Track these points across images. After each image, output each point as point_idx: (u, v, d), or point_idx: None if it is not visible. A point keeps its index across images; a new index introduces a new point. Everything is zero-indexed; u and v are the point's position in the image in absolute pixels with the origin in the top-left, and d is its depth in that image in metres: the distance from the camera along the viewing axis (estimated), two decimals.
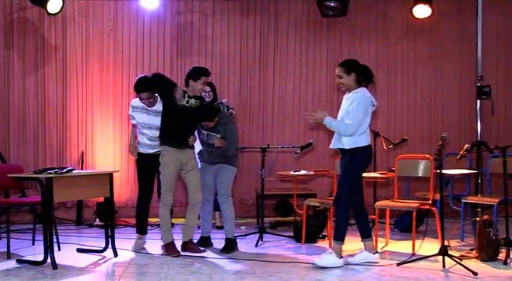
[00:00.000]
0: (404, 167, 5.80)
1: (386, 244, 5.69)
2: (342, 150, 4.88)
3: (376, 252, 5.00)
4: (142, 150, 5.60)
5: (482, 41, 7.49)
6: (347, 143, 4.79)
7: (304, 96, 7.79)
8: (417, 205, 5.40)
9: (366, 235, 4.98)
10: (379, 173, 6.01)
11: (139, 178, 5.69)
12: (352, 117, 4.75)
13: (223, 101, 5.73)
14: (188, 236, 5.38)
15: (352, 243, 5.60)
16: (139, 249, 5.50)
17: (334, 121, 4.85)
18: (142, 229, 5.67)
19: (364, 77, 4.94)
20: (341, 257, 4.78)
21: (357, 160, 4.80)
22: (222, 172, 5.54)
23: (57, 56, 7.47)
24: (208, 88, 5.69)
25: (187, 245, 5.35)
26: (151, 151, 5.55)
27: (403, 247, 5.60)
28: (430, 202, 5.40)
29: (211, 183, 5.57)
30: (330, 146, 5.01)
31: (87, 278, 4.44)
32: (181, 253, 5.23)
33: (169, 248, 5.24)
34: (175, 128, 5.21)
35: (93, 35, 7.53)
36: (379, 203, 5.63)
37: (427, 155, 5.64)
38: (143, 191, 5.64)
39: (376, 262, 4.86)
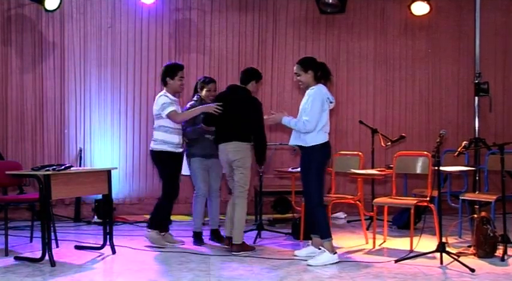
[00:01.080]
0: (403, 164, 5.80)
1: (384, 241, 5.70)
2: (301, 147, 4.91)
3: (335, 253, 4.84)
4: (171, 149, 5.45)
5: (480, 38, 7.49)
6: (306, 140, 4.82)
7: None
8: (415, 202, 5.41)
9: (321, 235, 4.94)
10: (377, 170, 6.01)
11: (169, 176, 5.51)
12: (308, 114, 4.77)
13: None
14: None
15: (349, 240, 5.62)
16: (163, 244, 5.47)
17: (293, 120, 4.89)
18: (166, 226, 5.68)
19: (322, 74, 4.95)
20: (335, 252, 4.80)
21: (315, 157, 4.82)
22: (217, 166, 5.55)
23: (55, 52, 7.46)
24: (214, 86, 5.86)
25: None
26: (180, 150, 5.53)
27: (401, 243, 5.61)
28: (428, 198, 5.41)
29: (206, 177, 5.62)
30: (289, 143, 5.06)
31: (86, 275, 4.44)
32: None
33: (245, 246, 5.26)
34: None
35: (91, 31, 7.52)
36: (377, 200, 5.64)
37: (425, 152, 5.64)
38: (172, 190, 5.53)
39: (337, 262, 4.78)
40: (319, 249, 4.87)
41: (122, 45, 7.57)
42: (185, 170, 5.73)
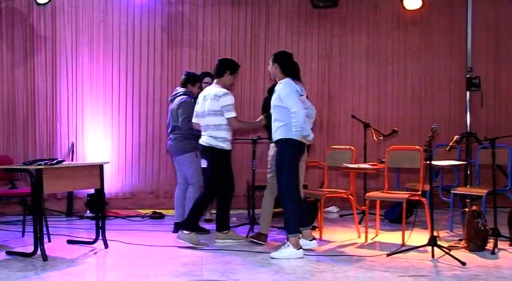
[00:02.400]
0: (395, 158, 5.81)
1: (376, 235, 5.73)
2: (274, 141, 4.93)
3: (314, 239, 5.09)
4: (227, 147, 5.39)
5: (472, 33, 7.52)
6: (279, 135, 4.84)
7: None
8: (407, 196, 5.43)
9: (302, 223, 5.05)
10: (370, 164, 6.03)
11: (225, 173, 5.38)
12: (292, 106, 4.75)
13: None
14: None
15: (341, 234, 5.64)
16: (202, 244, 5.31)
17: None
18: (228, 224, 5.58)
19: (290, 70, 4.95)
20: (299, 248, 4.81)
21: (286, 150, 4.83)
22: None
23: (47, 46, 7.41)
24: (210, 79, 5.91)
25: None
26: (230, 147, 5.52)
27: (393, 237, 5.63)
28: (420, 192, 5.43)
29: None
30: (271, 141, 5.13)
31: (78, 269, 4.43)
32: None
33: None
34: None
35: (83, 25, 7.47)
36: (369, 194, 5.66)
37: (417, 147, 5.66)
38: (227, 186, 5.44)
39: (313, 249, 4.97)
40: (313, 238, 4.99)
41: (114, 39, 7.54)
42: (203, 163, 5.59)
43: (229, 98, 5.26)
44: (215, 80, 5.44)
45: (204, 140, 5.36)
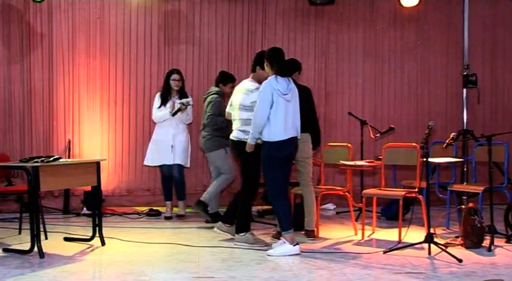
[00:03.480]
0: (391, 155, 5.81)
1: (373, 232, 5.73)
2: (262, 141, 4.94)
3: (297, 244, 4.82)
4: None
5: (468, 30, 7.50)
6: (264, 136, 4.84)
7: None
8: (404, 193, 5.43)
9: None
10: (366, 162, 6.03)
11: (256, 169, 5.16)
12: (256, 107, 4.82)
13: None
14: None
15: (338, 231, 5.65)
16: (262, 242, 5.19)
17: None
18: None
19: (277, 67, 4.89)
20: (296, 244, 4.79)
21: (266, 152, 4.84)
22: None
23: (43, 43, 7.38)
24: (177, 76, 6.50)
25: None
26: None
27: (390, 234, 5.64)
28: (416, 190, 5.44)
29: None
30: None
31: (75, 267, 4.42)
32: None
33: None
34: None
35: (79, 22, 7.44)
36: (366, 192, 5.66)
37: (414, 144, 5.66)
38: (257, 182, 5.32)
39: (298, 254, 4.76)
40: (295, 244, 4.83)
41: (111, 36, 7.51)
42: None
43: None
44: (251, 76, 5.32)
45: (234, 134, 5.23)
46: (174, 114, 6.56)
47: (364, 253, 4.84)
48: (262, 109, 4.76)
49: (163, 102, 6.64)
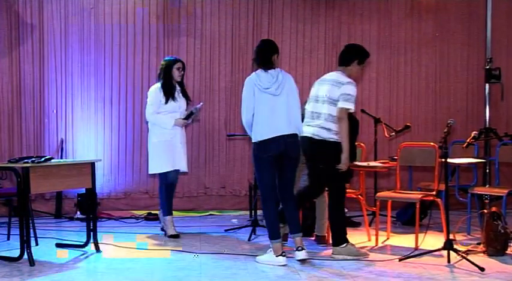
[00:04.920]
0: (407, 155, 5.80)
1: (387, 238, 5.72)
2: None
3: (282, 255, 4.72)
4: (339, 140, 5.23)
5: (491, 21, 7.48)
6: (251, 134, 4.87)
7: (300, 79, 7.74)
8: (420, 196, 5.42)
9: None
10: (380, 162, 6.01)
11: (337, 171, 5.01)
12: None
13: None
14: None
15: (350, 237, 5.63)
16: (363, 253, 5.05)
17: None
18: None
19: (258, 60, 4.89)
20: (279, 255, 4.68)
21: (252, 153, 4.88)
22: None
23: (34, 35, 7.40)
24: (182, 65, 6.00)
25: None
26: None
27: (406, 241, 5.62)
28: (434, 193, 5.42)
29: None
30: None
31: (67, 275, 4.43)
32: None
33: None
34: None
35: (72, 13, 7.45)
36: (380, 194, 5.65)
37: (432, 143, 5.64)
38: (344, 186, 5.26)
39: (284, 265, 4.67)
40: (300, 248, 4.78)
41: (106, 27, 7.52)
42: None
43: (352, 88, 4.89)
44: (338, 69, 5.11)
45: (311, 131, 4.95)
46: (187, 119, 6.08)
47: (378, 261, 4.84)
48: (244, 108, 4.81)
49: (168, 98, 5.90)
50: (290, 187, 4.89)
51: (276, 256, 4.71)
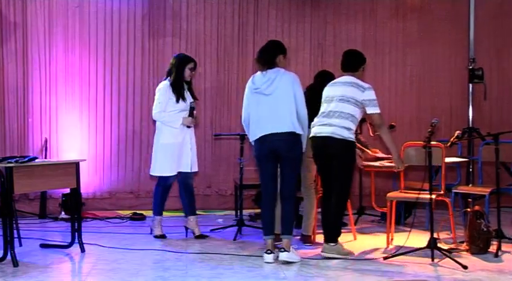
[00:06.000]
0: (410, 155, 5.62)
1: (392, 239, 5.50)
2: None
3: (268, 253, 4.76)
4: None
5: (474, 22, 7.55)
6: None
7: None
8: (435, 196, 5.13)
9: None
10: (390, 162, 5.87)
11: (352, 171, 5.18)
12: None
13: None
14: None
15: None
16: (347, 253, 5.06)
17: None
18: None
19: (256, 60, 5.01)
20: (266, 251, 4.76)
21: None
22: None
23: (17, 34, 7.34)
24: (194, 65, 5.83)
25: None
26: None
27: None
28: (442, 192, 5.34)
29: None
30: None
31: (52, 275, 4.41)
32: None
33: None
34: None
35: (56, 11, 7.40)
36: (390, 195, 5.50)
37: (439, 143, 5.52)
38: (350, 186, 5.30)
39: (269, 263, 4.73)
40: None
41: (91, 27, 7.48)
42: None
43: (373, 93, 5.03)
44: (346, 74, 5.16)
45: (330, 130, 4.94)
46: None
47: (363, 259, 4.86)
48: (242, 112, 4.96)
49: (179, 97, 5.70)
50: (286, 186, 4.88)
51: (264, 252, 4.76)
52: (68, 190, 5.50)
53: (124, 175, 7.55)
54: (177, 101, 5.67)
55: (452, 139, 5.19)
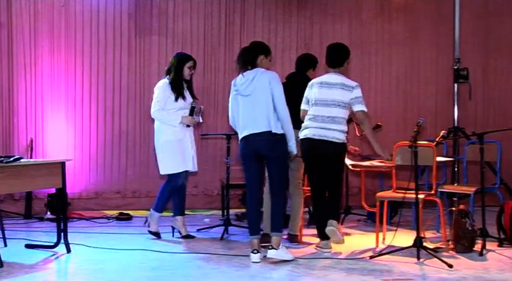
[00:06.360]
0: (402, 155, 5.60)
1: (384, 239, 5.54)
2: None
3: (254, 252, 4.78)
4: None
5: (459, 22, 7.59)
6: None
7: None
8: (424, 196, 5.21)
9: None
10: (379, 162, 5.90)
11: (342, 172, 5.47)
12: None
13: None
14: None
15: None
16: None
17: None
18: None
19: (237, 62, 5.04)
20: (253, 251, 4.76)
21: None
22: None
23: (1, 33, 7.27)
24: (193, 64, 5.82)
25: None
26: None
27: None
28: (433, 192, 5.36)
29: None
30: None
31: (37, 276, 4.38)
32: None
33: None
34: None
35: (42, 10, 7.35)
36: (380, 194, 5.53)
37: (430, 143, 5.54)
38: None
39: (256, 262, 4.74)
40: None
41: (77, 26, 7.44)
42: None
43: (360, 91, 5.16)
44: (334, 71, 5.26)
45: (333, 135, 5.08)
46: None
47: (349, 259, 4.88)
48: (229, 113, 5.01)
49: (178, 96, 5.66)
50: (274, 182, 4.89)
51: (251, 252, 4.77)
52: (53, 190, 5.46)
53: (110, 175, 7.52)
54: (176, 99, 5.63)
55: (437, 139, 5.22)
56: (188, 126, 5.75)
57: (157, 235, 5.76)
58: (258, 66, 4.90)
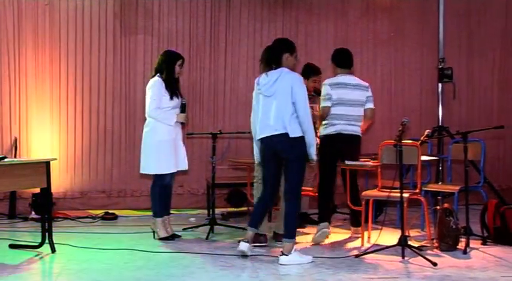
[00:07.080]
0: (386, 154, 5.62)
1: (369, 237, 5.54)
2: None
3: (243, 242, 4.85)
4: None
5: (444, 22, 7.64)
6: None
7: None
8: (408, 195, 5.26)
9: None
10: (366, 161, 5.91)
11: None
12: None
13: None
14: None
15: (309, 235, 5.67)
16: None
17: None
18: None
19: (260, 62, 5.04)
20: (242, 240, 4.86)
21: None
22: None
23: None
24: (182, 62, 5.73)
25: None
26: None
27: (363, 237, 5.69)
28: (418, 191, 5.39)
29: None
30: None
31: (22, 276, 4.35)
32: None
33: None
34: None
35: (26, 8, 7.29)
36: (366, 193, 5.55)
37: (415, 142, 5.56)
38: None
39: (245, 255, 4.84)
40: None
41: (62, 24, 7.39)
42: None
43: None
44: (348, 72, 5.83)
45: (355, 130, 5.71)
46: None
47: (335, 257, 4.89)
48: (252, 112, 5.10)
49: (173, 94, 5.58)
50: (287, 186, 4.85)
51: (242, 240, 4.84)
52: (38, 190, 5.43)
53: (96, 174, 7.48)
54: (171, 98, 5.55)
55: (422, 138, 5.25)
56: (182, 124, 5.73)
57: (171, 237, 5.64)
58: (283, 65, 4.84)
